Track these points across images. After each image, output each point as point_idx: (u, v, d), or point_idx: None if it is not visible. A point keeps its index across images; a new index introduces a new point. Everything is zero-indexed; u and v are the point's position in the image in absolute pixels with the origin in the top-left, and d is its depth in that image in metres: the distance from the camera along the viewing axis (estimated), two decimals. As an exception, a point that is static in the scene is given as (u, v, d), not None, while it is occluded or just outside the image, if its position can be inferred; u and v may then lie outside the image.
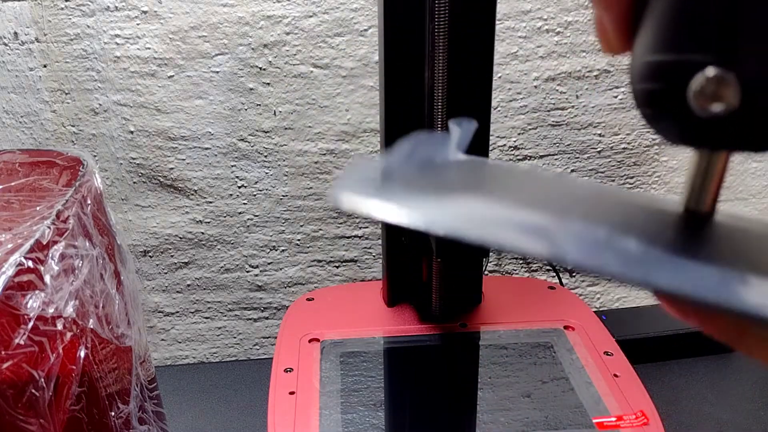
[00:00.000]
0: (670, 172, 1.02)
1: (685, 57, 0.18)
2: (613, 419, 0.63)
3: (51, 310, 0.47)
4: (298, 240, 1.01)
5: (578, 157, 1.00)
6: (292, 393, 0.67)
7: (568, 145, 0.99)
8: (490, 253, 1.04)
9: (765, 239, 0.19)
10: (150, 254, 1.01)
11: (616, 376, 0.68)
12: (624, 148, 1.00)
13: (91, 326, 0.53)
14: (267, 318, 1.06)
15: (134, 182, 0.97)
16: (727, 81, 0.17)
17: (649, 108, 0.19)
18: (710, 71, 0.17)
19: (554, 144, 0.99)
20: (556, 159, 1.00)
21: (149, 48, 0.89)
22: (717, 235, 0.19)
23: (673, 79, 0.18)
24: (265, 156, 0.96)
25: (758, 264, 0.17)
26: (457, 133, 0.24)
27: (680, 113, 0.18)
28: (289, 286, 1.04)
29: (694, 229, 0.19)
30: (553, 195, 0.22)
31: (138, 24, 0.88)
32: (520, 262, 1.06)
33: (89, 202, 0.57)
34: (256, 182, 0.97)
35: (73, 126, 0.93)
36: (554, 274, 1.04)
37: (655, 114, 0.19)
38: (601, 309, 1.09)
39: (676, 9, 0.18)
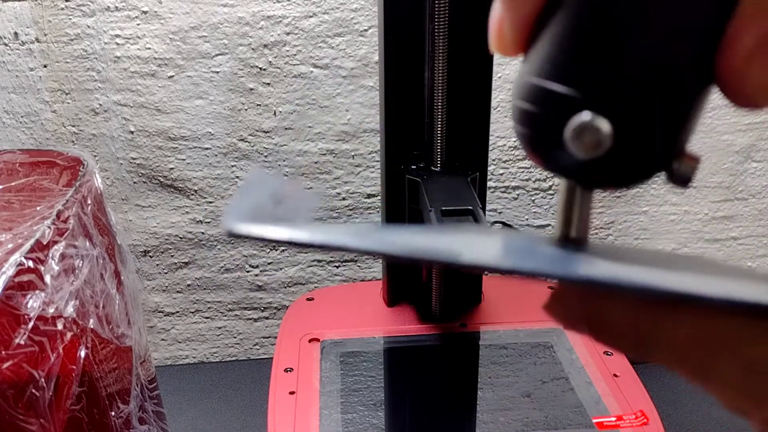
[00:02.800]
0: (670, 172, 1.02)
1: (567, 92, 0.18)
2: (613, 419, 0.63)
3: (51, 310, 0.47)
4: (298, 240, 1.01)
5: (578, 157, 1.00)
6: (292, 393, 0.67)
7: (568, 145, 0.99)
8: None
9: (637, 253, 0.20)
10: (150, 254, 1.01)
11: (616, 376, 0.69)
12: (624, 148, 1.00)
13: (92, 326, 0.53)
14: (267, 318, 1.06)
15: (134, 182, 0.97)
16: (602, 128, 0.17)
17: (526, 128, 0.19)
18: (586, 116, 0.17)
19: (554, 144, 0.99)
20: (556, 159, 1.00)
21: (149, 48, 0.89)
22: (596, 250, 0.20)
23: (554, 111, 0.18)
24: (266, 156, 0.96)
25: (639, 260, 0.18)
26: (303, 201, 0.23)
27: (555, 146, 0.18)
28: (289, 286, 1.04)
29: (574, 247, 0.20)
30: (445, 232, 0.22)
31: (138, 24, 0.88)
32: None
33: (89, 202, 0.57)
34: (256, 182, 0.97)
35: (73, 126, 0.93)
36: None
37: (529, 136, 0.19)
38: (601, 309, 1.09)
39: (573, 41, 0.18)
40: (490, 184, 1.00)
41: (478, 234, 0.22)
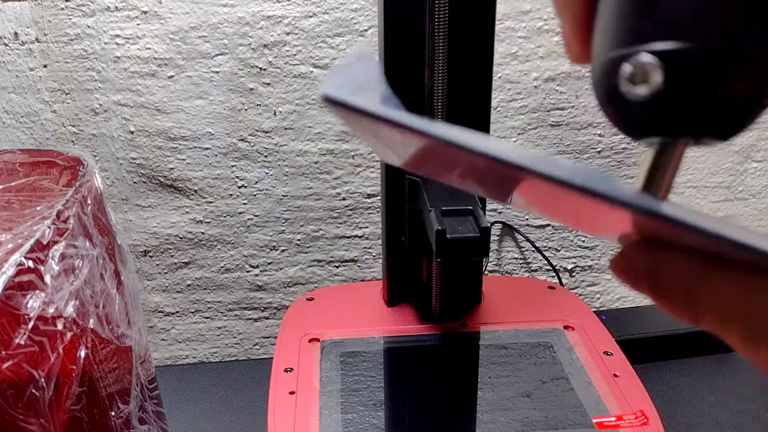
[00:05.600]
0: (670, 172, 1.02)
1: (627, 50, 0.19)
2: (613, 419, 0.63)
3: (51, 310, 0.47)
4: (298, 240, 1.01)
5: (578, 157, 1.00)
6: (292, 393, 0.67)
7: (568, 145, 0.99)
8: (489, 253, 1.04)
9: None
10: (150, 254, 1.01)
11: (616, 376, 0.68)
12: (624, 148, 1.00)
13: (92, 326, 0.53)
14: (267, 318, 1.06)
15: (134, 182, 0.97)
16: (651, 64, 0.18)
17: (611, 105, 0.20)
18: (642, 57, 0.18)
19: (554, 144, 0.99)
20: (556, 159, 1.00)
21: (149, 48, 0.89)
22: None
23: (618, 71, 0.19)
24: (266, 156, 0.96)
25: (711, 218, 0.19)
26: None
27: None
28: (289, 286, 1.04)
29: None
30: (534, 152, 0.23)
31: (138, 24, 0.88)
32: (520, 262, 1.06)
33: (89, 202, 0.57)
34: (256, 182, 0.97)
35: (73, 126, 0.93)
36: (554, 274, 1.05)
37: (616, 110, 0.20)
38: (601, 309, 1.09)
39: (616, 10, 0.19)
40: (490, 184, 0.99)
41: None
